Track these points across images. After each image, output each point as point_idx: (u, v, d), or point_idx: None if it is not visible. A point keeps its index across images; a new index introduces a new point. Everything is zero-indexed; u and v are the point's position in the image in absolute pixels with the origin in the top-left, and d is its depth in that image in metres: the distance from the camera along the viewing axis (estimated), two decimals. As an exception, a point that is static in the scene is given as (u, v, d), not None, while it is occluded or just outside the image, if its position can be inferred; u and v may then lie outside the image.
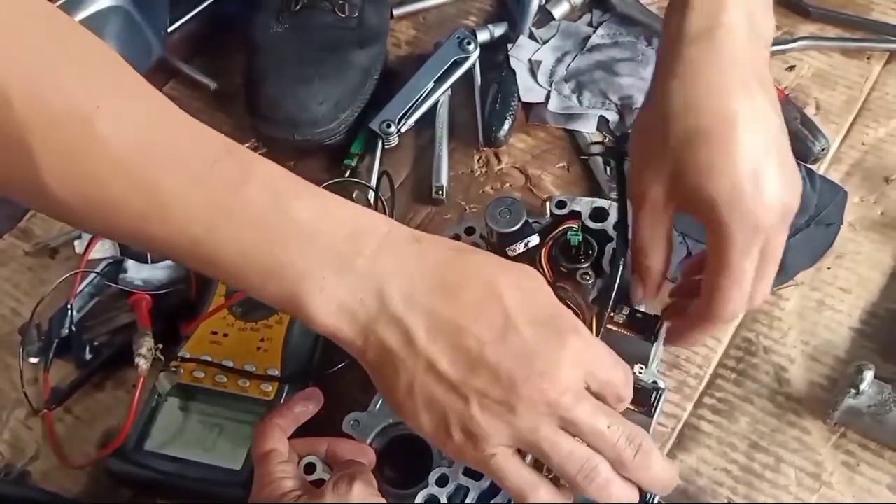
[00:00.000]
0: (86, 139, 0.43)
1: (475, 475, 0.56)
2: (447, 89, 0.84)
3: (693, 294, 0.58)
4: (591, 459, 0.48)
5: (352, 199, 0.72)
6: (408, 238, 0.48)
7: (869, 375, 0.62)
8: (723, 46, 0.52)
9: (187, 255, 0.46)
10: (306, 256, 0.45)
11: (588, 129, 0.81)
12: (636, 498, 0.50)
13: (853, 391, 0.61)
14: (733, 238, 0.52)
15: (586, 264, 0.62)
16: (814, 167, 0.75)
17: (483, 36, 0.87)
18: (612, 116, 0.81)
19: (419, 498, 0.56)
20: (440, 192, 0.79)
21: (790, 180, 0.53)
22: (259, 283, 0.46)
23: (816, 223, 0.71)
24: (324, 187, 0.48)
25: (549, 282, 0.62)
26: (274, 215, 0.45)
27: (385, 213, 0.73)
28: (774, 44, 0.85)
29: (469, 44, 0.84)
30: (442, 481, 0.56)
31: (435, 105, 0.83)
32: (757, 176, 0.51)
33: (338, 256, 0.45)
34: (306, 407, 0.61)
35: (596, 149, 0.79)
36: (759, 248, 0.53)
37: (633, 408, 0.58)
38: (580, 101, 0.82)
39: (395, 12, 0.92)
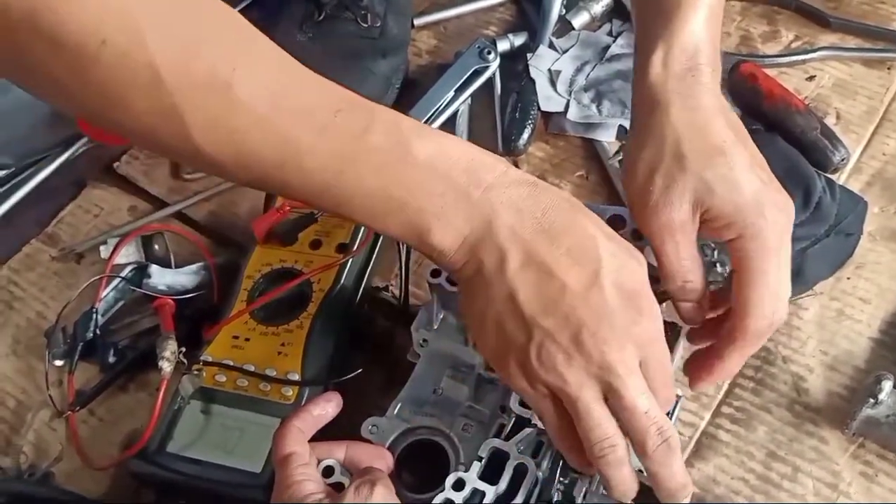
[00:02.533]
0: (227, 102, 0.47)
1: (491, 480, 0.56)
2: (467, 98, 0.84)
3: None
4: (613, 438, 0.50)
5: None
6: (524, 180, 0.51)
7: (887, 385, 0.61)
8: (704, 80, 0.57)
9: (319, 198, 0.50)
10: (425, 192, 0.49)
11: (607, 138, 0.82)
12: (633, 494, 0.52)
13: (871, 401, 0.61)
14: (765, 243, 0.54)
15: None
16: (834, 177, 0.75)
17: (503, 46, 0.88)
18: (631, 126, 0.81)
19: (436, 501, 0.56)
20: (460, 200, 0.79)
21: (781, 187, 0.57)
22: (383, 219, 0.50)
23: (836, 233, 0.71)
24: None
25: None
26: (395, 159, 0.49)
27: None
28: (795, 53, 0.85)
29: (489, 53, 0.85)
30: (458, 486, 0.56)
31: (455, 113, 0.84)
32: (769, 182, 0.56)
33: (454, 189, 0.49)
34: (325, 410, 0.61)
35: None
36: (782, 256, 0.55)
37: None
38: (599, 111, 0.83)
39: (417, 22, 0.93)
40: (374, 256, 0.74)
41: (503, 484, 0.56)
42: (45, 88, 0.49)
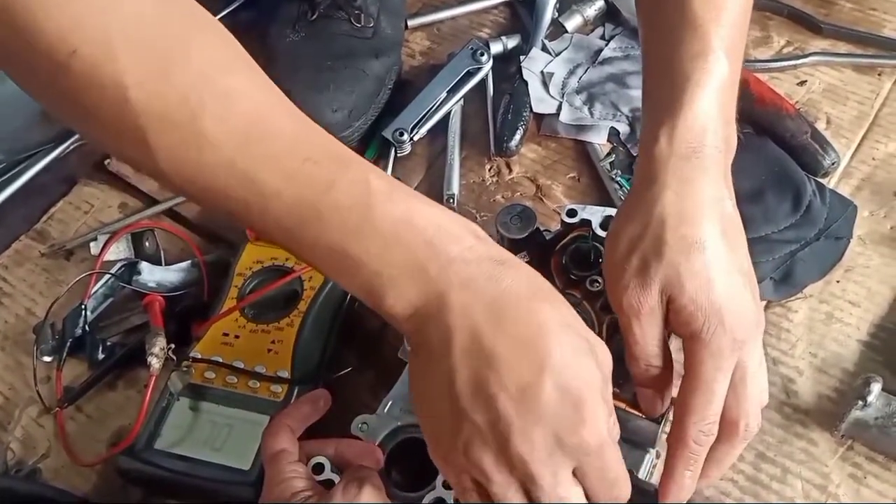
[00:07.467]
0: (193, 134, 0.45)
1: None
2: (460, 99, 0.85)
3: None
4: None
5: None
6: (489, 256, 0.48)
7: (876, 388, 0.62)
8: (708, 165, 0.55)
9: (281, 242, 0.49)
10: (384, 258, 0.47)
11: (599, 140, 0.82)
12: None
13: (860, 403, 0.62)
14: (716, 352, 0.52)
15: (596, 271, 0.62)
16: (824, 181, 0.76)
17: (496, 48, 0.88)
18: (622, 128, 0.81)
19: (426, 499, 0.56)
20: (451, 201, 0.79)
21: (757, 295, 0.55)
22: (340, 275, 0.49)
23: (826, 237, 0.72)
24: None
25: (558, 289, 0.62)
26: (358, 220, 0.47)
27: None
28: (786, 59, 0.86)
29: (482, 55, 0.85)
30: (449, 484, 0.56)
31: (448, 114, 0.84)
32: (743, 290, 0.53)
33: (413, 260, 0.47)
34: (315, 408, 0.61)
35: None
36: (733, 366, 0.53)
37: (642, 415, 0.59)
38: (591, 113, 0.83)
39: (410, 23, 0.93)
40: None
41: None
42: (27, 85, 0.48)
